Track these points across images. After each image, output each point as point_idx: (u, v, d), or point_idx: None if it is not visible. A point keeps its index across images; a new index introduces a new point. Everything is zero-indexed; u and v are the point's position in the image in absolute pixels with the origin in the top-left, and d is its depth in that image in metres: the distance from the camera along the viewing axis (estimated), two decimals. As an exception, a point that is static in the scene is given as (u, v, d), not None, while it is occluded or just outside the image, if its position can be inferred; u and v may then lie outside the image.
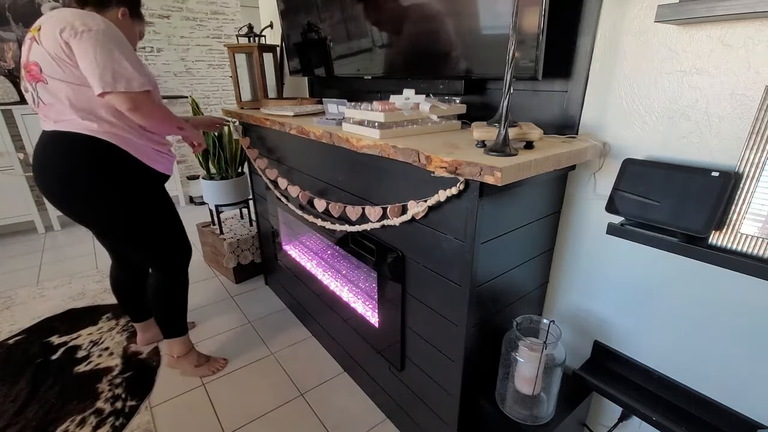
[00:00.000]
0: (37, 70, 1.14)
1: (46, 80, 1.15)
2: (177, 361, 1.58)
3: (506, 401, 1.05)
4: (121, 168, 1.24)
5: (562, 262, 1.16)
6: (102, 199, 1.24)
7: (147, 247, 1.38)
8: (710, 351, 0.91)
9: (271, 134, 1.66)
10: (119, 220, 1.29)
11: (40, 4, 2.93)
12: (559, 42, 0.98)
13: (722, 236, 0.76)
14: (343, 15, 1.44)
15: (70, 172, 1.20)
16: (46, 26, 1.12)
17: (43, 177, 1.24)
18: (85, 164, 1.20)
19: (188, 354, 1.59)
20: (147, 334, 1.74)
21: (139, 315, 1.70)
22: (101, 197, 1.23)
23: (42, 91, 1.16)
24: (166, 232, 1.40)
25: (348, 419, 1.41)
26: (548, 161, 0.84)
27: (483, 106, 1.21)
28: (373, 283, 1.38)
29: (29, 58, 1.15)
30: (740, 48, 0.76)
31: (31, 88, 1.18)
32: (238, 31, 1.82)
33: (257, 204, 2.08)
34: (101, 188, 1.22)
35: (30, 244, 2.83)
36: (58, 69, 1.12)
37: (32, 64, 1.15)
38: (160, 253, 1.41)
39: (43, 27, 1.12)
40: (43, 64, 1.13)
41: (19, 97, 2.83)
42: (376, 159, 1.07)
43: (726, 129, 0.80)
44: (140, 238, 1.35)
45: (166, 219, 1.39)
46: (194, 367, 1.60)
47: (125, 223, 1.30)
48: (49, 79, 1.14)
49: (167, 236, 1.41)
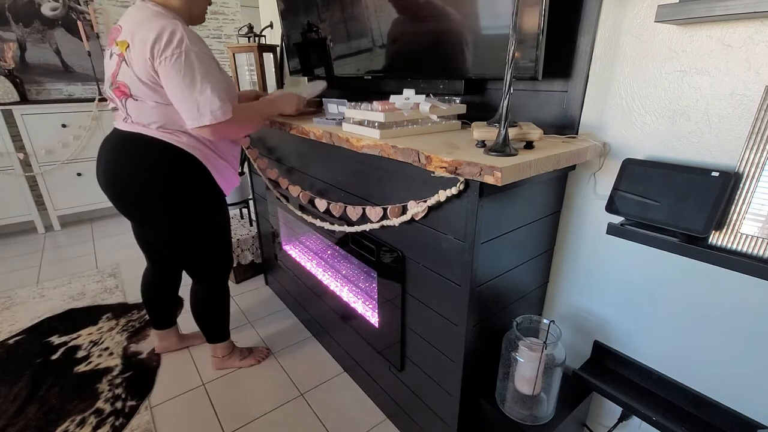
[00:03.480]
0: (127, 90, 1.14)
1: (136, 99, 1.15)
2: (223, 361, 1.63)
3: (506, 401, 1.05)
4: (194, 178, 1.25)
5: (562, 262, 1.16)
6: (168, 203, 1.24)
7: (198, 258, 1.39)
8: (710, 351, 0.91)
9: (271, 134, 1.66)
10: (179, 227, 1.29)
11: (40, 5, 2.93)
12: (559, 42, 0.98)
13: (722, 236, 0.76)
14: (343, 15, 1.44)
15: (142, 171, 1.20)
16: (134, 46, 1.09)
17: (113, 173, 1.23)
18: (161, 168, 1.20)
19: (232, 352, 1.64)
20: (165, 342, 1.72)
21: (163, 323, 1.69)
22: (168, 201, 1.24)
23: (132, 106, 1.16)
24: (218, 247, 1.42)
25: (348, 419, 1.41)
26: (548, 161, 0.84)
27: (483, 106, 1.21)
28: (373, 283, 1.39)
29: (118, 76, 1.15)
30: (740, 48, 0.76)
31: (120, 103, 1.18)
32: (238, 31, 1.82)
33: (257, 204, 2.08)
34: (170, 192, 1.23)
35: (30, 244, 2.83)
36: (149, 92, 1.13)
37: (121, 83, 1.15)
38: (208, 265, 1.43)
39: (132, 47, 1.10)
40: (132, 86, 1.13)
41: (19, 97, 2.83)
42: (376, 159, 1.07)
43: (726, 129, 0.80)
44: (194, 248, 1.36)
45: (221, 234, 1.41)
46: (240, 360, 1.65)
47: (184, 231, 1.31)
48: (139, 98, 1.15)
49: (218, 250, 1.42)
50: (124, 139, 1.21)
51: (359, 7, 1.36)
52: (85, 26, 3.06)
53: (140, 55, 1.08)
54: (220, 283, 1.49)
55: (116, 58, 1.14)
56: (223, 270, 1.47)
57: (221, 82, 1.15)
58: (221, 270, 1.47)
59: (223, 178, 1.32)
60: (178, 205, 1.25)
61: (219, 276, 1.47)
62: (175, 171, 1.22)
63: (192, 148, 1.22)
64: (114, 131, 1.25)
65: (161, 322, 1.68)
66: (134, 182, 1.21)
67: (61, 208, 3.03)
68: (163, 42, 1.06)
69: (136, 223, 1.35)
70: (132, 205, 1.26)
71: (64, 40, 3.07)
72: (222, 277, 1.48)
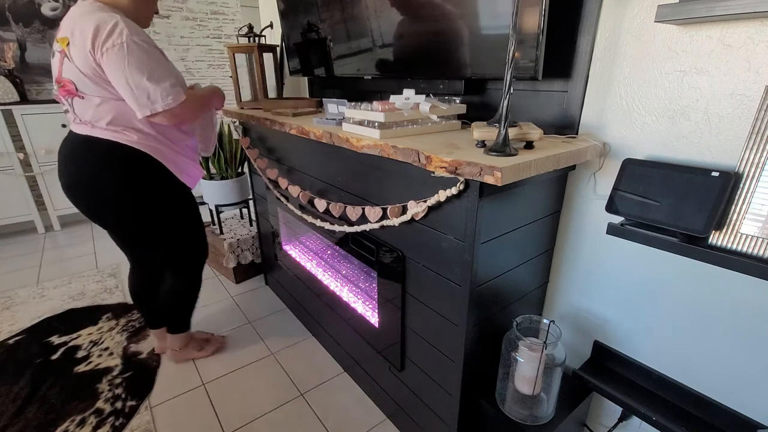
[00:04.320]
0: (72, 87, 1.14)
1: (82, 96, 1.15)
2: (180, 353, 1.65)
3: (506, 401, 1.05)
4: (150, 176, 1.26)
5: (562, 262, 1.16)
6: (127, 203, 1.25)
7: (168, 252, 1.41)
8: (710, 351, 0.91)
9: (271, 134, 1.66)
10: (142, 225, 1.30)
11: (40, 4, 2.93)
12: (559, 42, 0.98)
13: (722, 236, 0.76)
14: (343, 15, 1.44)
15: (99, 175, 1.21)
16: (75, 40, 1.09)
17: (69, 178, 1.24)
18: (115, 169, 1.21)
19: (189, 344, 1.67)
20: (164, 342, 1.68)
21: (156, 322, 1.65)
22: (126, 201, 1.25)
23: (78, 105, 1.17)
24: (187, 239, 1.43)
25: (348, 419, 1.41)
26: (548, 161, 0.84)
27: (483, 106, 1.21)
28: (373, 283, 1.39)
29: (62, 74, 1.15)
30: (740, 48, 0.76)
31: (67, 103, 1.18)
32: (238, 31, 1.82)
33: (257, 204, 2.08)
34: (127, 192, 1.24)
35: (30, 244, 2.83)
36: (94, 87, 1.13)
37: (67, 81, 1.15)
38: (180, 259, 1.44)
39: (72, 41, 1.09)
40: (77, 82, 1.13)
41: (19, 97, 2.83)
42: (376, 159, 1.07)
43: (726, 129, 0.80)
44: (162, 244, 1.37)
45: (189, 226, 1.41)
46: (197, 351, 1.68)
47: (148, 229, 1.32)
48: (85, 95, 1.15)
49: (188, 243, 1.43)
50: (77, 143, 1.22)
51: (359, 7, 1.36)
52: (85, 26, 3.06)
53: (81, 50, 1.07)
54: (191, 276, 1.51)
55: (58, 56, 1.14)
56: (197, 260, 1.49)
57: (168, 69, 1.14)
58: (196, 261, 1.49)
59: (181, 172, 1.32)
60: (138, 204, 1.26)
61: (194, 267, 1.49)
62: (129, 170, 1.22)
63: (143, 145, 1.21)
64: (69, 134, 1.26)
65: (154, 321, 1.66)
66: (92, 185, 1.22)
67: (61, 208, 3.03)
68: (104, 34, 1.05)
69: (101, 224, 1.35)
70: (92, 207, 1.28)
71: (64, 40, 3.06)
72: (197, 268, 1.50)
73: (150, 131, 1.22)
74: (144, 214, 1.28)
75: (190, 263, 1.48)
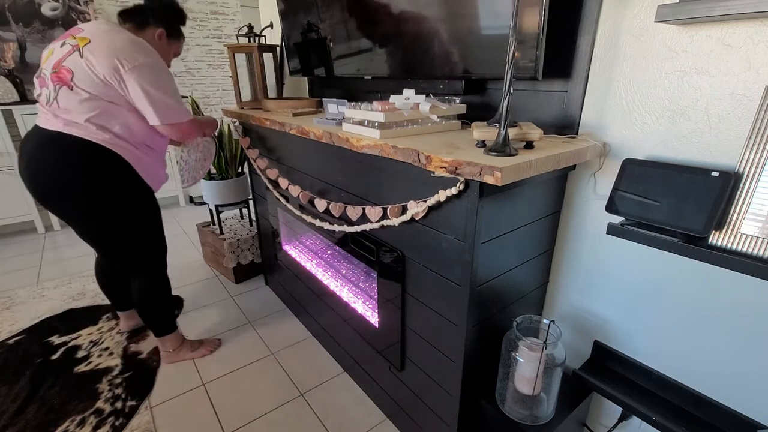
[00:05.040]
0: (68, 76, 1.20)
1: (72, 87, 1.20)
2: (174, 354, 1.66)
3: (506, 401, 1.05)
4: (117, 175, 1.30)
5: (562, 262, 1.16)
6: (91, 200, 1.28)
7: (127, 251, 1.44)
8: (710, 351, 0.91)
9: (271, 134, 1.66)
10: (107, 223, 1.33)
11: (40, 5, 2.93)
12: (559, 42, 0.98)
13: (722, 236, 0.76)
14: (343, 15, 1.44)
15: (68, 172, 1.24)
16: (98, 47, 1.19)
17: (36, 173, 1.26)
18: (83, 166, 1.24)
19: (182, 345, 1.68)
20: (130, 321, 1.82)
21: (123, 304, 1.79)
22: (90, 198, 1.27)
23: (64, 94, 1.21)
24: (148, 239, 1.46)
25: (348, 419, 1.41)
26: (548, 161, 0.84)
27: (483, 106, 1.21)
28: (373, 283, 1.39)
29: (63, 62, 1.20)
30: (740, 48, 0.76)
31: (52, 88, 1.22)
32: (238, 31, 1.82)
33: (257, 204, 2.08)
34: (93, 190, 1.27)
35: (30, 244, 2.83)
36: (100, 87, 1.20)
37: (65, 69, 1.20)
38: (139, 257, 1.46)
39: (94, 44, 1.20)
40: (78, 74, 1.19)
41: (19, 97, 2.83)
42: (376, 159, 1.07)
43: (726, 129, 0.80)
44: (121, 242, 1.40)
45: (149, 226, 1.45)
46: (191, 352, 1.69)
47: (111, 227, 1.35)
48: (77, 88, 1.20)
49: (148, 242, 1.46)
50: (47, 138, 1.24)
51: (359, 7, 1.36)
52: (85, 26, 3.06)
53: (106, 56, 1.18)
54: (156, 274, 1.52)
55: (68, 47, 1.21)
56: (156, 260, 1.51)
57: (178, 93, 1.34)
58: (154, 260, 1.50)
59: (148, 175, 1.38)
60: (102, 202, 1.29)
61: (153, 266, 1.51)
62: (97, 169, 1.26)
63: (115, 146, 1.27)
64: (36, 129, 1.28)
65: (121, 304, 1.78)
66: (57, 181, 1.25)
67: (61, 208, 3.02)
68: (140, 53, 1.22)
69: (63, 219, 1.37)
70: (56, 203, 1.31)
71: (64, 40, 3.06)
72: (156, 267, 1.52)
73: (124, 135, 1.28)
74: (110, 212, 1.32)
75: (153, 262, 1.51)
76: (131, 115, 1.28)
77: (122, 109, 1.26)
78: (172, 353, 1.65)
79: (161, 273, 1.54)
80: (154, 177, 1.41)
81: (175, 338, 1.65)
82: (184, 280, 2.35)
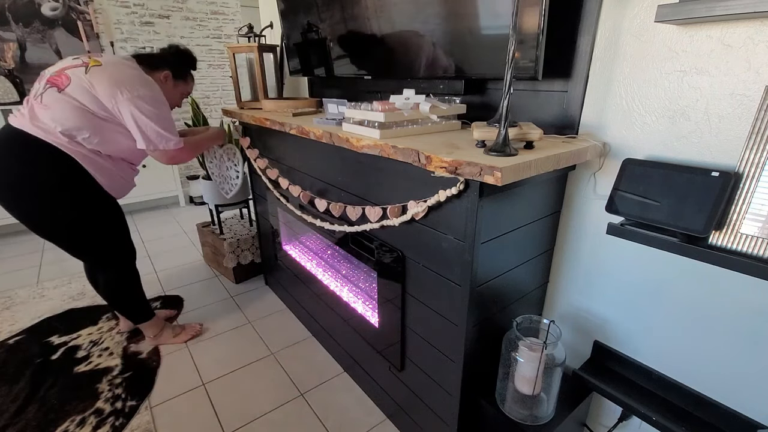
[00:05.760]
0: (64, 82, 1.27)
1: (62, 91, 1.26)
2: (155, 339, 1.76)
3: (506, 401, 1.05)
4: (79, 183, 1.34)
5: (562, 262, 1.16)
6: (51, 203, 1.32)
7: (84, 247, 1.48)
8: (710, 351, 0.91)
9: (271, 134, 1.66)
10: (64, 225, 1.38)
11: (40, 5, 2.93)
12: (559, 42, 0.98)
13: (722, 236, 0.76)
14: (343, 15, 1.44)
15: (27, 173, 1.28)
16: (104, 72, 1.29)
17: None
18: (44, 170, 1.28)
19: (163, 330, 1.77)
20: (128, 321, 1.85)
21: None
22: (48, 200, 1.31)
23: (50, 95, 1.26)
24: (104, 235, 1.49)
25: (348, 419, 1.41)
26: (548, 161, 0.84)
27: (483, 106, 1.21)
28: (373, 283, 1.39)
29: (66, 70, 1.29)
30: (740, 48, 0.76)
31: (44, 85, 1.29)
32: (238, 31, 1.82)
33: (257, 204, 2.08)
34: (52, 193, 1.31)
35: (30, 244, 2.83)
36: (92, 103, 1.28)
37: (65, 75, 1.28)
38: (99, 252, 1.51)
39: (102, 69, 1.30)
40: (74, 84, 1.26)
41: (19, 97, 2.83)
42: (376, 159, 1.07)
43: (726, 129, 0.80)
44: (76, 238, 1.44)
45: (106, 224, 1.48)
46: (174, 337, 1.78)
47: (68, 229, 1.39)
48: (67, 95, 1.26)
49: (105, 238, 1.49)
50: (17, 137, 1.27)
51: (359, 7, 1.36)
52: (85, 26, 3.07)
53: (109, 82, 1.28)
54: (117, 267, 1.56)
55: (79, 62, 1.33)
56: (115, 254, 1.55)
57: (173, 123, 1.44)
58: (114, 255, 1.54)
59: (112, 186, 1.44)
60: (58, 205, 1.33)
61: (113, 261, 1.55)
62: (60, 174, 1.30)
63: (80, 156, 1.32)
64: (6, 127, 1.31)
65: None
66: (19, 180, 1.29)
67: (61, 208, 3.03)
68: (143, 86, 1.32)
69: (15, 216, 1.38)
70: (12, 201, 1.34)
71: (64, 40, 3.07)
72: (116, 261, 1.55)
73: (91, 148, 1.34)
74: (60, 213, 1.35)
75: (112, 256, 1.54)
76: (118, 131, 1.36)
77: (110, 124, 1.33)
78: (153, 339, 1.75)
79: (123, 266, 1.58)
80: (118, 187, 1.47)
81: (154, 325, 1.73)
82: (184, 280, 2.35)
